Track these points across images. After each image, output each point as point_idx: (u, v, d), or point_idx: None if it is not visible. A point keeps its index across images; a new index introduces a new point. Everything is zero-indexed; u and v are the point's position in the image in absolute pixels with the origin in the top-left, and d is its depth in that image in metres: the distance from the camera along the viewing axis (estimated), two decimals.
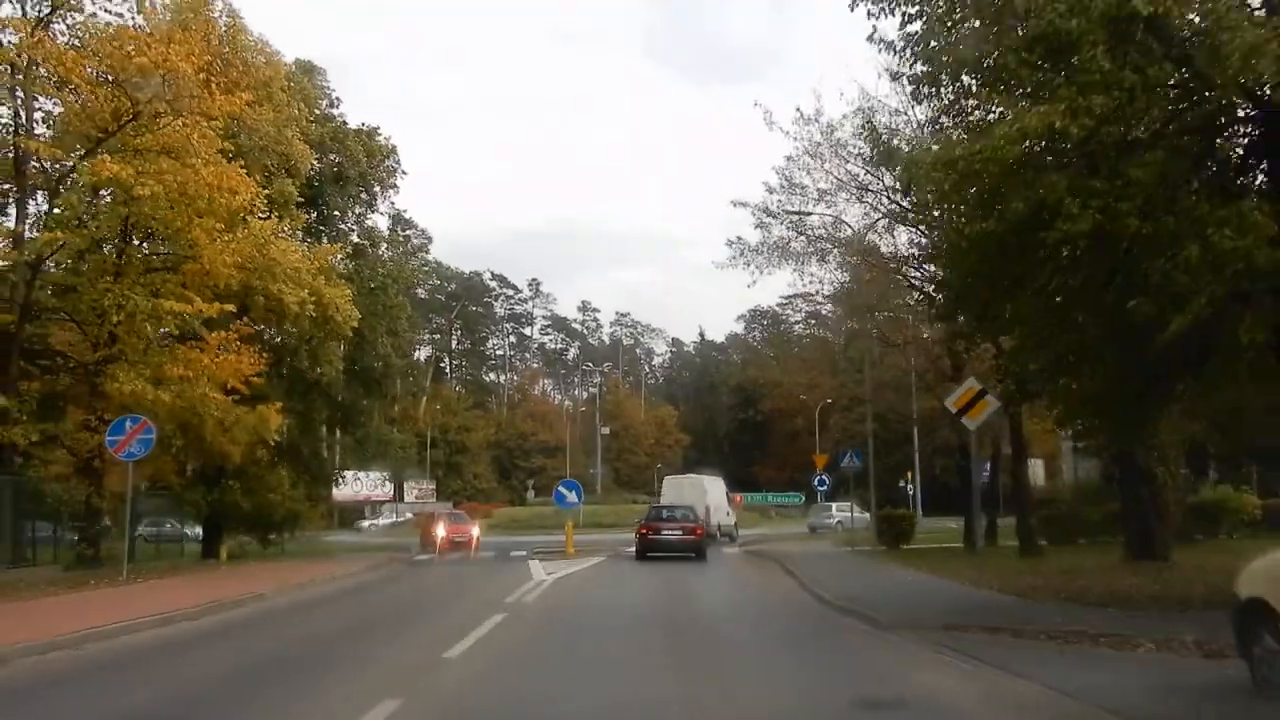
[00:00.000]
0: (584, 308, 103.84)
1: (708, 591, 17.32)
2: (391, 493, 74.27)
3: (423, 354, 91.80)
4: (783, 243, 27.64)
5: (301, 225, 26.66)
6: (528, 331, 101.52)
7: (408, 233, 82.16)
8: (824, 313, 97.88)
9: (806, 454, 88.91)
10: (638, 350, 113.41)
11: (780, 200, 27.28)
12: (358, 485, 72.88)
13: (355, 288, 29.61)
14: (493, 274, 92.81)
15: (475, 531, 30.66)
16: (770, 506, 62.52)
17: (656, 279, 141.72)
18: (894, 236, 28.38)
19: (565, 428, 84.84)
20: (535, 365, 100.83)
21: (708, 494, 35.58)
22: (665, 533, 26.19)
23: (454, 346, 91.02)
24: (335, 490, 70.42)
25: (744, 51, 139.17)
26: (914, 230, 27.57)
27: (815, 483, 40.21)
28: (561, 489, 30.02)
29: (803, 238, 27.56)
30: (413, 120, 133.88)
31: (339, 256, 28.77)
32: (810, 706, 6.98)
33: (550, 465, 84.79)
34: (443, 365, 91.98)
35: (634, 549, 26.93)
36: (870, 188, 26.00)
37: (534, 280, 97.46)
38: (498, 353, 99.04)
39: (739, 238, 27.43)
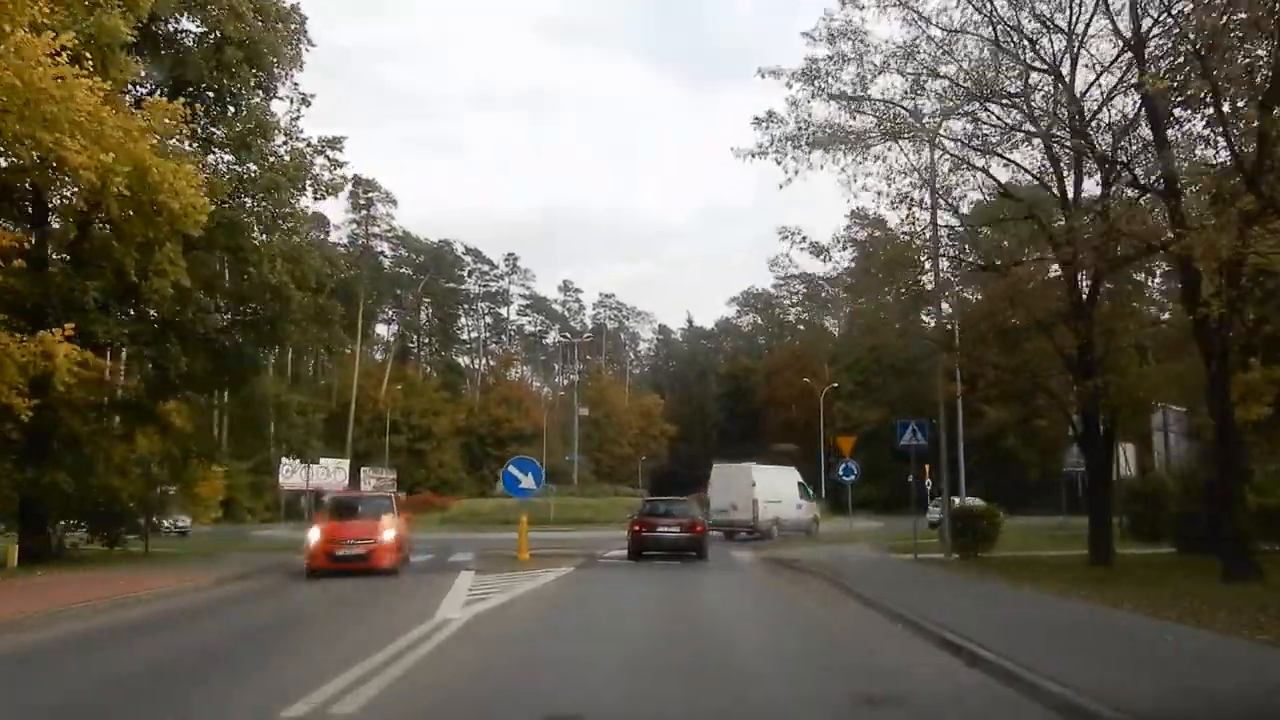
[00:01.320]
0: (565, 287, 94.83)
1: (766, 669, 8.44)
2: (345, 482, 65.40)
3: (387, 331, 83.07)
4: (831, 126, 19.03)
5: (131, 77, 17.85)
6: (504, 312, 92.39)
7: (369, 195, 73.14)
8: (823, 295, 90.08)
9: (806, 445, 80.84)
10: (622, 335, 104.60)
11: (830, 60, 18.69)
12: (307, 474, 64.33)
13: (232, 186, 21.10)
14: (466, 247, 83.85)
15: (385, 534, 17.21)
16: None
17: (645, 274, 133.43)
18: (978, 126, 19.85)
19: (542, 414, 76.08)
20: (511, 348, 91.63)
21: (756, 485, 31.21)
22: (661, 529, 21.75)
23: (422, 323, 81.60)
24: (281, 479, 63.25)
25: (736, 51, 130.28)
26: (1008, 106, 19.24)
27: (841, 471, 31.70)
28: (513, 469, 21.23)
29: (863, 115, 18.98)
30: (400, 114, 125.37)
31: (205, 153, 20.18)
32: None
33: (525, 454, 76.12)
34: (410, 345, 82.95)
35: (624, 550, 22.29)
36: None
37: (511, 255, 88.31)
38: (471, 334, 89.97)
39: (770, 113, 18.68)
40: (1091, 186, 18.45)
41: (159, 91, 20.88)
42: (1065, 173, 18.97)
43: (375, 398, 69.35)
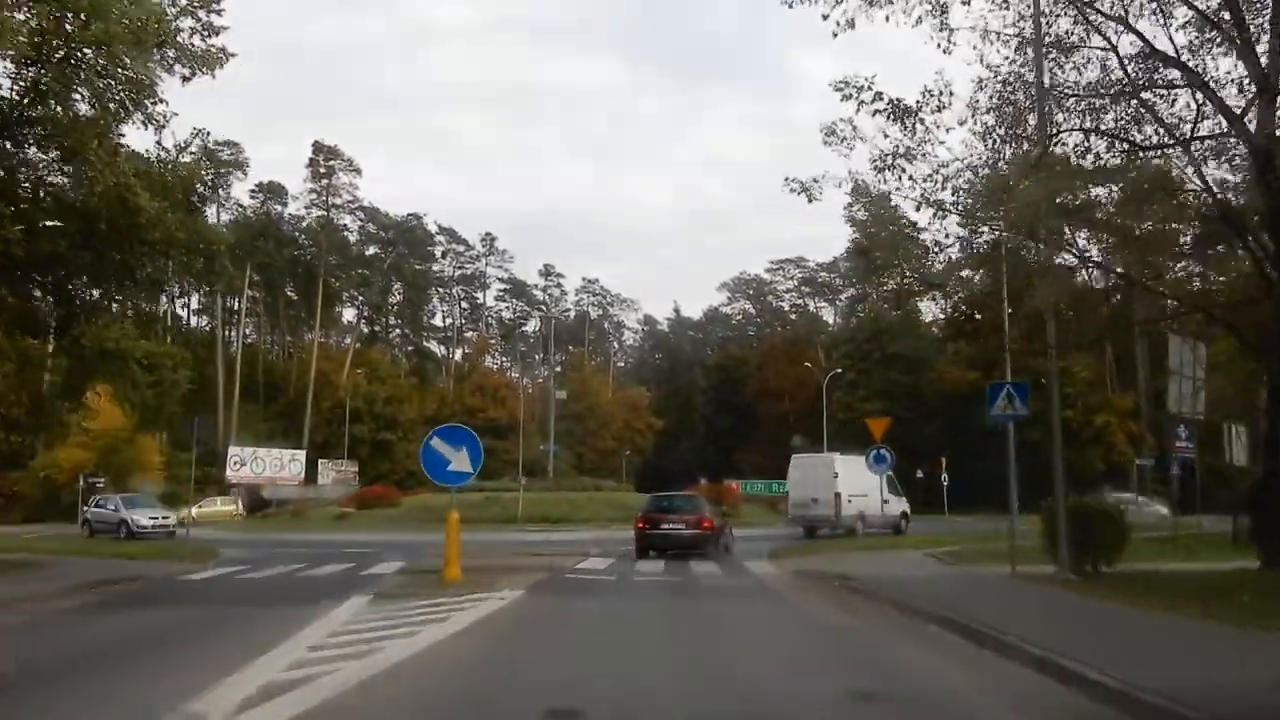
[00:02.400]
0: (546, 272, 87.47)
1: None
2: (301, 474, 58.52)
3: (356, 316, 75.99)
4: None
5: None
6: (480, 297, 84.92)
7: (330, 163, 65.52)
8: (819, 279, 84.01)
9: (805, 438, 74.52)
10: (606, 325, 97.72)
11: None
12: (259, 466, 57.34)
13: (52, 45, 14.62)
14: (440, 226, 76.58)
15: None
16: (782, 498, 46.47)
17: (630, 274, 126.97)
18: None
19: (519, 403, 69.39)
20: (487, 333, 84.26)
21: (839, 477, 28.06)
22: (665, 526, 20.07)
23: (391, 305, 74.06)
24: (228, 472, 56.30)
25: (716, 51, 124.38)
26: None
27: (871, 459, 25.30)
28: (437, 444, 14.03)
29: None
30: (378, 110, 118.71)
31: None
32: None
33: (501, 447, 69.10)
34: (378, 329, 75.78)
35: (603, 558, 19.58)
36: None
37: (488, 235, 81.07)
38: (445, 320, 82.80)
39: None
40: None
41: None
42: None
43: (336, 384, 62.49)
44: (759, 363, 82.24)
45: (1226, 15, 12.87)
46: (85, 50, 14.94)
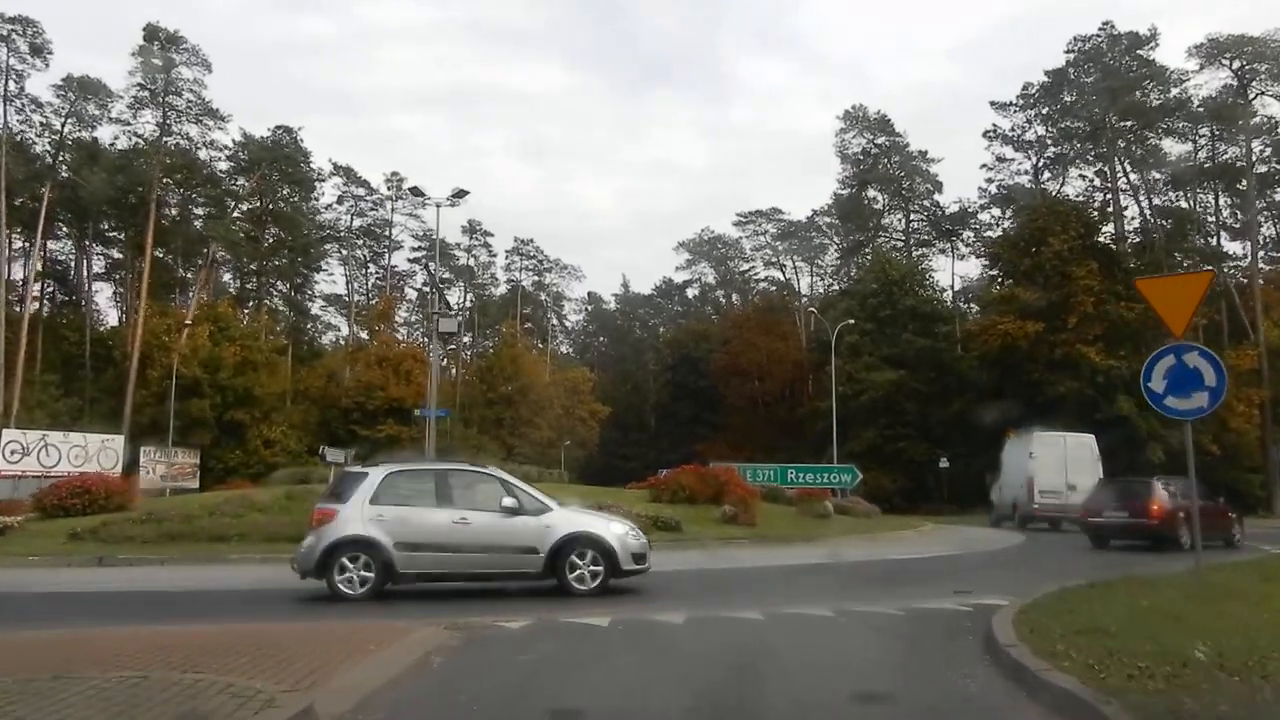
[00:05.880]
0: (471, 228, 70.63)
1: None
2: (117, 466, 41.00)
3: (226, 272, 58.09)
4: None
5: None
6: (386, 258, 67.27)
7: (168, 53, 47.62)
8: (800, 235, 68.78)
9: (779, 424, 59.48)
10: (543, 296, 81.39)
11: None
12: (49, 455, 39.78)
13: None
14: (336, 165, 58.85)
15: None
16: (825, 489, 29.66)
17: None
18: None
19: (426, 377, 52.59)
20: (397, 296, 66.85)
21: (1100, 461, 23.90)
22: (1107, 513, 17.88)
23: (261, 252, 55.77)
24: (4, 463, 38.85)
25: (667, 53, 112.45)
26: None
27: (1168, 377, 9.65)
28: None
29: None
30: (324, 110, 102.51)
31: None
32: None
33: (405, 434, 52.39)
34: (249, 286, 57.95)
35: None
36: None
37: (394, 175, 63.23)
38: (352, 284, 65.29)
39: None
40: None
41: None
42: None
43: (173, 347, 45.09)
44: (725, 337, 67.18)
45: None
46: None
